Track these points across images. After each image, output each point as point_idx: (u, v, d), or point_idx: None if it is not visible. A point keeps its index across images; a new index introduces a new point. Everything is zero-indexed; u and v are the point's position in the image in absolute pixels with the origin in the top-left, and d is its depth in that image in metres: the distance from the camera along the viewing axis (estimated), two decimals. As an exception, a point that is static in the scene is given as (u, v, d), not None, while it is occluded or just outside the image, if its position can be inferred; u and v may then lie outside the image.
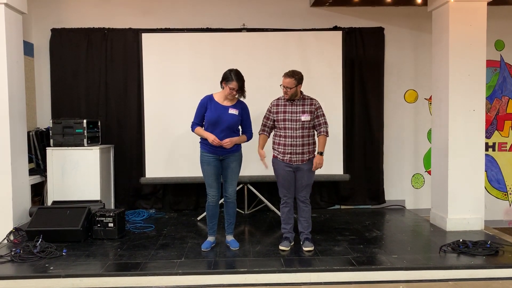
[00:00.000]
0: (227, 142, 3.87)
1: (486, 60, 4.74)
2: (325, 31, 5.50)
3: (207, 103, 3.98)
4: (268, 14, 5.75)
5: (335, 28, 5.64)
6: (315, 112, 4.03)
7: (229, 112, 3.93)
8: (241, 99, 4.07)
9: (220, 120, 3.90)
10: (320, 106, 4.08)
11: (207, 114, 3.95)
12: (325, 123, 4.07)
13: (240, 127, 4.07)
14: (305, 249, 3.99)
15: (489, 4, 4.68)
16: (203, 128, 4.01)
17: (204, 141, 3.99)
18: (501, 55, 5.91)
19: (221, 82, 3.98)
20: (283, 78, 3.96)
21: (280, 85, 4.00)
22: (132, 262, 3.70)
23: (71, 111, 5.60)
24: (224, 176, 4.04)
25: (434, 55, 5.02)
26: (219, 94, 4.01)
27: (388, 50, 5.85)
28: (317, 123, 4.05)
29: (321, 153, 4.03)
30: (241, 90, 3.93)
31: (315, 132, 4.11)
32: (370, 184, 5.85)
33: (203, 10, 5.73)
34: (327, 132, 4.06)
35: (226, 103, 3.97)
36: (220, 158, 3.98)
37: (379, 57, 5.80)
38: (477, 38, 4.64)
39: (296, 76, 3.94)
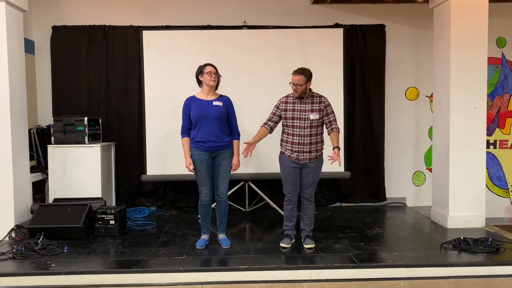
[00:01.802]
0: (237, 167, 4.03)
1: (488, 58, 4.75)
2: (326, 28, 5.50)
3: (190, 102, 3.99)
4: (269, 11, 5.75)
5: (336, 26, 5.63)
6: (324, 110, 3.99)
7: (214, 104, 3.94)
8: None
9: (206, 113, 3.89)
10: (329, 103, 4.02)
11: (192, 112, 3.94)
12: (335, 120, 4.01)
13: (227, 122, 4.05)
14: (306, 246, 3.99)
15: (490, 1, 4.67)
16: (191, 129, 4.01)
17: (195, 141, 3.96)
18: (502, 52, 5.90)
19: (197, 79, 4.02)
20: (293, 75, 3.91)
21: (290, 83, 3.97)
22: (133, 259, 3.71)
23: (72, 108, 5.60)
24: (216, 174, 4.01)
25: (435, 53, 5.01)
26: (201, 93, 4.03)
27: (389, 48, 5.84)
28: (327, 120, 3.99)
29: (338, 148, 3.87)
30: (217, 73, 3.99)
31: (323, 130, 4.06)
32: (371, 181, 5.85)
33: (203, 8, 5.73)
34: (338, 128, 3.98)
35: (209, 98, 3.98)
36: (212, 156, 3.97)
37: (380, 54, 5.79)
38: (478, 35, 4.63)
39: (306, 73, 3.92)
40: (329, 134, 3.98)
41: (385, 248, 4.00)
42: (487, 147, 5.78)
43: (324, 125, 4.03)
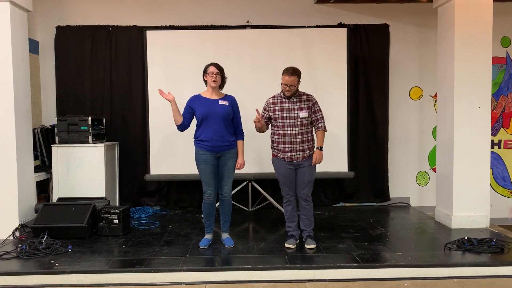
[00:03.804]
0: (242, 166, 4.03)
1: (492, 57, 4.71)
2: (329, 28, 5.50)
3: (194, 101, 4.01)
4: (273, 11, 5.75)
5: (340, 25, 5.62)
6: (312, 108, 4.02)
7: (219, 103, 3.94)
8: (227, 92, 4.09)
9: (212, 112, 3.89)
10: (316, 101, 4.06)
11: (198, 110, 3.95)
12: (322, 118, 4.06)
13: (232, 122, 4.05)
14: (307, 246, 3.98)
15: (495, 0, 4.65)
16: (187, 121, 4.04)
17: (199, 140, 3.97)
18: (507, 52, 5.87)
19: (203, 78, 4.03)
20: (286, 76, 3.89)
21: (281, 84, 3.97)
22: (136, 259, 3.72)
23: (76, 108, 5.62)
24: (220, 174, 4.01)
25: (439, 52, 4.99)
26: (206, 92, 4.04)
27: (393, 47, 5.83)
28: (315, 118, 4.04)
29: (320, 148, 4.02)
30: (221, 74, 3.96)
31: (313, 128, 4.10)
32: (375, 181, 5.84)
33: (207, 7, 5.74)
34: (325, 127, 4.06)
35: (215, 97, 3.99)
36: (217, 156, 3.97)
37: (384, 54, 5.78)
38: (483, 35, 4.61)
39: (298, 73, 3.93)
40: (315, 133, 4.06)
41: (389, 248, 3.99)
42: (492, 147, 5.76)
43: (312, 123, 4.08)
